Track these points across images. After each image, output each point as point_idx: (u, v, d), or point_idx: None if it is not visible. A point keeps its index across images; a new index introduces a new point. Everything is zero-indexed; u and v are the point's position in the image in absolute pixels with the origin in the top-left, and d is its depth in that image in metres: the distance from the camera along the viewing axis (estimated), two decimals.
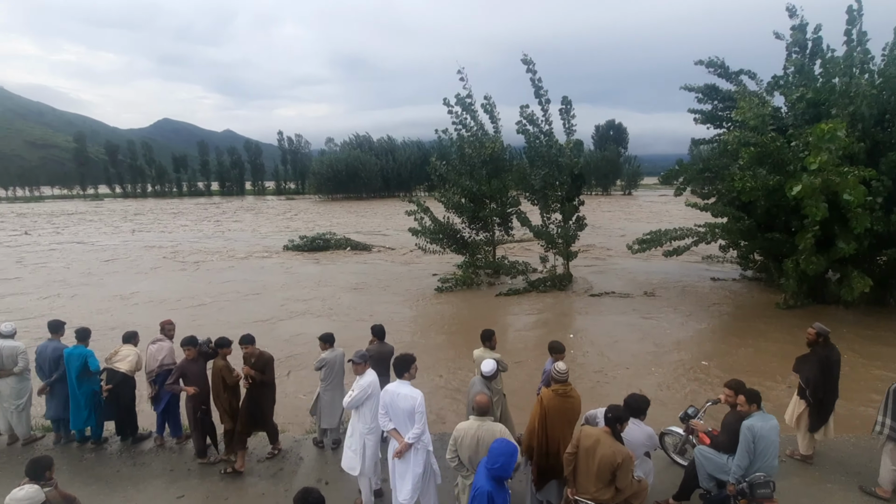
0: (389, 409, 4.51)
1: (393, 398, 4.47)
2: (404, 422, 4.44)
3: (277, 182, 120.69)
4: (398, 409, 4.44)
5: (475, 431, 4.00)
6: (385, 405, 4.53)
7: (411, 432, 4.38)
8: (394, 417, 4.50)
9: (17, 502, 3.20)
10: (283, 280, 18.22)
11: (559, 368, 4.64)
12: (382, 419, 4.56)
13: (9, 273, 20.44)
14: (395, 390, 4.49)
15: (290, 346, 10.82)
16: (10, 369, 6.24)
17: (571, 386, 4.66)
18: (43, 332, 7.20)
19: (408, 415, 4.40)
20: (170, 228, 39.27)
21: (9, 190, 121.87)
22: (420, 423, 4.38)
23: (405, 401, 4.41)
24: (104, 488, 5.51)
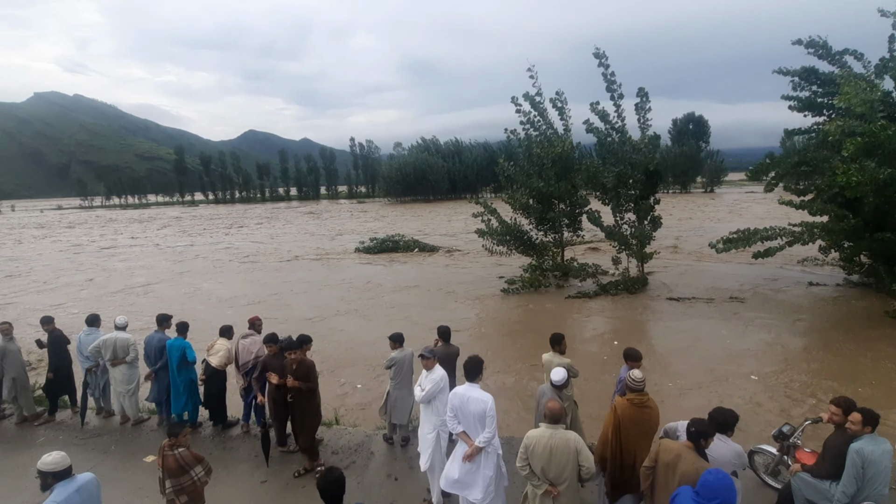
0: (459, 412, 4.48)
1: (463, 401, 4.44)
2: (474, 425, 4.41)
3: (349, 186, 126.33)
4: (468, 413, 4.41)
5: (548, 440, 3.88)
6: (454, 408, 4.50)
7: (482, 436, 4.33)
8: (463, 420, 4.48)
9: (46, 465, 3.57)
10: (354, 280, 18.95)
11: (635, 377, 4.41)
12: (451, 422, 4.54)
13: (118, 270, 23.09)
14: (465, 393, 4.46)
15: (359, 344, 11.23)
16: (122, 358, 7.04)
17: (648, 396, 4.41)
18: (149, 325, 8.03)
19: (478, 418, 4.36)
20: (254, 231, 42.37)
21: (122, 198, 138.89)
22: (491, 428, 4.32)
23: (476, 404, 4.36)
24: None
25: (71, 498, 3.53)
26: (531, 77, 15.67)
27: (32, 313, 14.47)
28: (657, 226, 15.32)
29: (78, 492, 3.60)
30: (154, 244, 35.10)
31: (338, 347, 11.14)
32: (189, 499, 4.32)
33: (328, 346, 11.22)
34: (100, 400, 7.51)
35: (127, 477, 5.93)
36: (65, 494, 3.51)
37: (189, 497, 4.32)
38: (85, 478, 3.77)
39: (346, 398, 8.48)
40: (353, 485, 5.56)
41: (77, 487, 3.62)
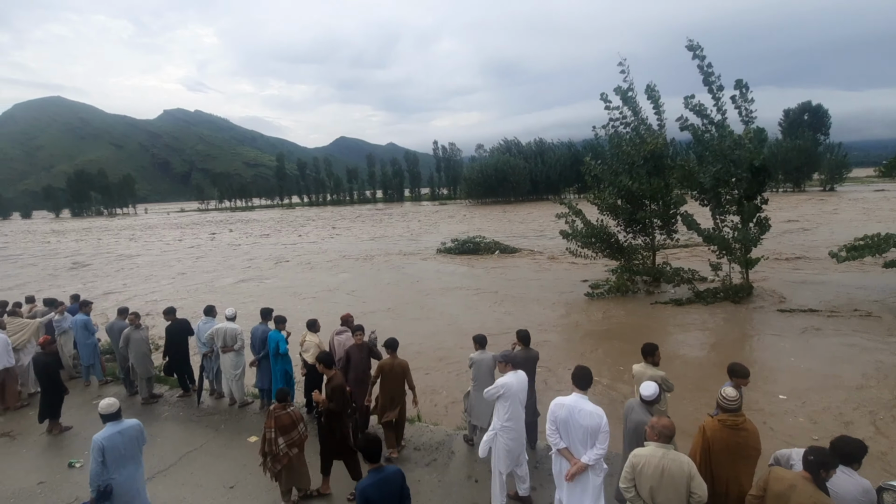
0: (565, 426, 4.21)
1: (571, 414, 4.16)
2: (583, 440, 4.14)
3: (432, 188, 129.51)
4: (577, 426, 4.14)
5: (659, 461, 3.57)
6: (557, 420, 4.24)
7: (593, 452, 4.08)
8: (570, 434, 4.19)
9: (100, 409, 4.77)
10: (436, 281, 19.33)
11: (727, 395, 3.96)
12: (552, 436, 4.28)
13: (230, 265, 25.65)
14: (574, 405, 4.20)
15: (443, 344, 11.42)
16: (231, 346, 7.81)
17: (745, 417, 3.97)
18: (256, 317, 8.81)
19: (590, 433, 4.10)
20: (344, 232, 44.91)
21: (232, 201, 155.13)
22: (605, 444, 4.08)
23: (589, 418, 4.11)
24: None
25: (112, 436, 4.59)
26: (622, 72, 14.89)
27: (164, 303, 16.55)
28: (765, 229, 13.83)
29: (120, 433, 4.65)
30: (258, 243, 38.56)
31: (422, 346, 11.43)
32: (298, 450, 5.26)
33: (412, 344, 11.56)
34: (213, 382, 8.40)
35: (233, 454, 6.55)
36: (109, 432, 4.63)
37: (298, 449, 5.26)
38: (129, 423, 4.83)
39: (429, 396, 8.66)
40: (434, 482, 5.67)
41: (120, 429, 4.69)
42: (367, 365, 6.74)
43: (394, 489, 3.75)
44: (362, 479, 3.77)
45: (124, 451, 4.65)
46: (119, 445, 4.61)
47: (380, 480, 3.69)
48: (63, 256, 35.89)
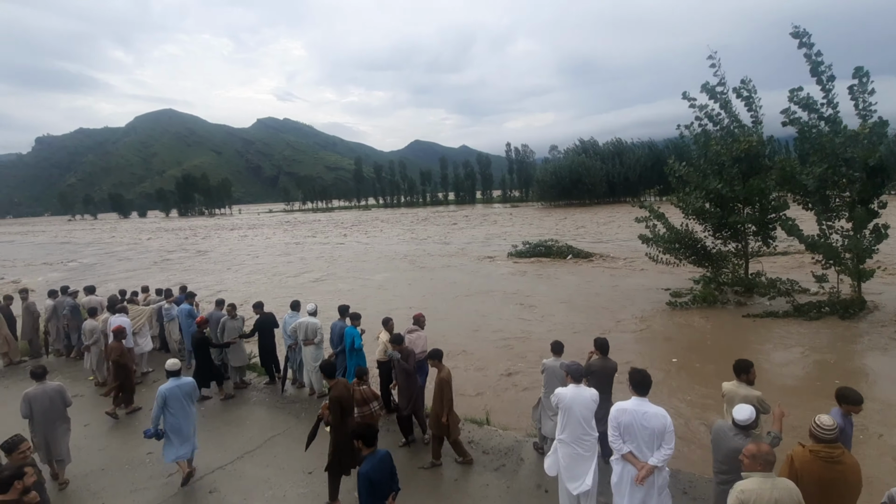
0: (630, 429, 4.16)
1: (636, 417, 4.14)
2: (648, 442, 4.10)
3: (504, 190, 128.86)
4: (642, 429, 4.11)
5: (770, 493, 3.24)
6: (620, 425, 4.20)
7: (661, 453, 4.06)
8: (636, 438, 4.15)
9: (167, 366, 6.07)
10: (507, 284, 19.19)
11: (822, 423, 3.56)
12: (615, 442, 4.24)
13: (312, 262, 27.24)
14: (637, 408, 4.17)
15: (514, 347, 11.31)
16: (311, 339, 8.31)
17: (843, 450, 3.54)
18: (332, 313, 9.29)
19: (656, 435, 4.08)
20: (415, 234, 45.99)
21: (313, 202, 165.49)
22: (672, 444, 4.06)
23: (654, 420, 4.09)
24: None
25: (172, 388, 5.99)
26: (713, 66, 13.84)
27: (253, 297, 17.97)
28: (881, 237, 12.16)
29: (178, 386, 6.05)
30: (339, 243, 40.62)
31: (492, 347, 11.41)
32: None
33: (482, 346, 11.58)
34: (296, 373, 8.99)
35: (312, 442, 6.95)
36: (171, 385, 6.02)
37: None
38: (186, 379, 6.22)
39: (499, 400, 8.62)
40: (503, 488, 5.63)
41: (179, 383, 6.07)
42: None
43: (387, 468, 4.16)
44: (363, 464, 4.05)
45: (181, 400, 6.02)
46: (177, 395, 5.99)
47: (377, 462, 4.05)
48: (167, 251, 40.21)
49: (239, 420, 7.83)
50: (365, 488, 3.94)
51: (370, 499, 3.96)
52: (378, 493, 3.98)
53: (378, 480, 3.97)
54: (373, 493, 3.95)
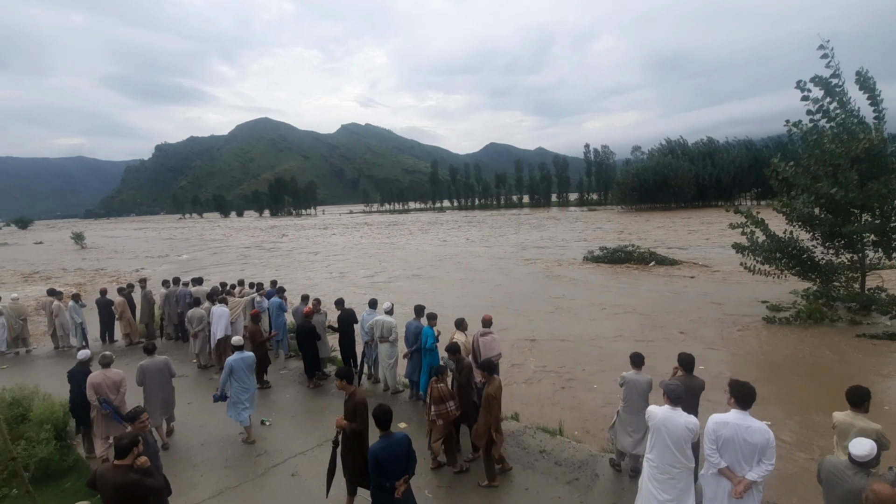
0: (730, 444, 4.01)
1: (738, 431, 3.98)
2: (748, 457, 3.97)
3: (581, 193, 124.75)
4: (743, 444, 3.97)
5: None
6: (719, 439, 4.05)
7: (761, 468, 3.91)
8: (735, 453, 4.01)
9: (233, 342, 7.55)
10: (582, 291, 18.53)
11: None
12: (712, 456, 4.08)
13: (392, 261, 28.20)
14: (739, 422, 4.00)
15: (588, 361, 10.89)
16: (387, 337, 8.59)
17: None
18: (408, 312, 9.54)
19: (758, 450, 3.93)
20: (491, 235, 45.92)
21: (391, 204, 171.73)
22: (772, 460, 3.91)
23: (757, 435, 3.93)
24: None
25: (238, 361, 7.19)
26: (824, 55, 12.35)
27: (335, 293, 18.98)
28: None
29: (242, 359, 7.27)
30: (416, 243, 41.71)
31: (566, 356, 11.09)
32: (443, 423, 5.95)
33: (554, 354, 11.29)
34: (371, 368, 9.34)
35: None
36: (237, 357, 7.24)
37: (444, 422, 5.94)
38: (248, 354, 7.47)
39: (573, 411, 8.35)
40: (576, 501, 5.43)
41: (242, 356, 7.31)
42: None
43: (401, 451, 4.33)
44: (374, 444, 4.30)
45: (244, 370, 7.24)
46: (241, 366, 7.21)
47: (389, 444, 4.28)
48: (258, 248, 43.62)
49: (320, 409, 8.29)
50: (373, 467, 4.23)
51: (379, 477, 4.23)
52: (387, 473, 4.22)
53: (386, 461, 4.22)
54: (380, 472, 4.22)
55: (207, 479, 6.27)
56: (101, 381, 6.47)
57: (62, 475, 6.50)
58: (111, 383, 6.53)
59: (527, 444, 6.70)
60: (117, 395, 6.53)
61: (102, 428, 6.57)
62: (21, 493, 5.74)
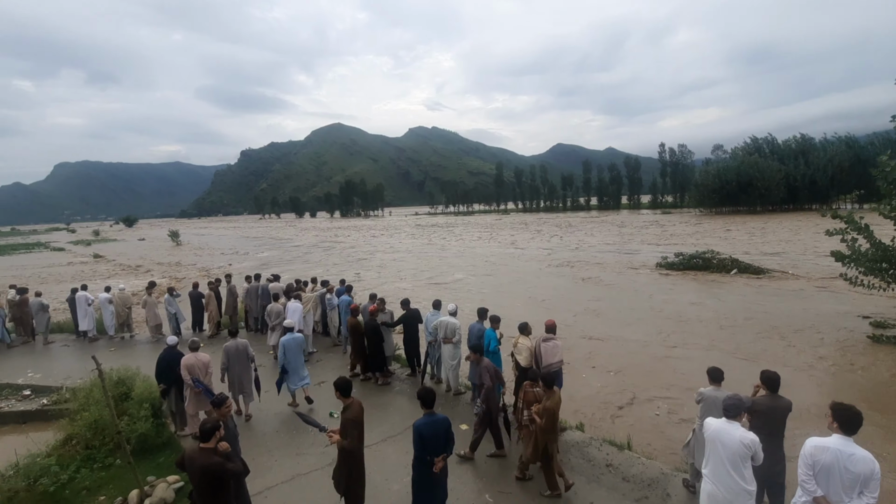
0: (829, 471, 3.70)
1: (839, 458, 3.67)
2: (848, 487, 3.65)
3: (654, 195, 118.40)
4: (844, 472, 3.66)
5: None
6: (816, 464, 3.74)
7: (863, 501, 3.58)
8: (834, 481, 3.69)
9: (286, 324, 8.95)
10: (655, 300, 17.58)
11: None
12: (808, 482, 3.76)
13: (453, 265, 28.42)
14: (841, 448, 3.70)
15: (663, 374, 10.32)
16: (450, 339, 8.65)
17: None
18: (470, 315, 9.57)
19: (860, 480, 3.62)
20: (557, 238, 44.87)
21: (455, 206, 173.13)
22: (876, 493, 3.55)
23: (861, 464, 3.62)
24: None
25: (289, 341, 8.38)
26: None
27: (400, 293, 19.46)
28: None
29: (293, 339, 8.47)
30: (480, 245, 41.75)
31: (640, 368, 10.59)
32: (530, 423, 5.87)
33: (627, 365, 10.82)
34: (434, 368, 9.47)
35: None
36: (288, 337, 8.42)
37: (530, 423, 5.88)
38: (298, 335, 8.72)
39: (644, 426, 7.95)
40: None
41: (293, 337, 8.50)
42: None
43: (441, 430, 4.81)
44: (417, 420, 4.81)
45: (294, 349, 8.39)
46: (292, 345, 8.40)
47: (431, 421, 4.78)
48: (328, 248, 45.61)
49: (384, 405, 8.54)
50: (417, 440, 4.75)
51: (422, 451, 4.75)
52: (429, 448, 4.73)
53: (429, 437, 4.73)
54: (423, 446, 4.73)
55: (281, 464, 6.67)
56: (193, 363, 7.42)
57: (157, 450, 7.21)
58: (201, 364, 7.48)
59: (592, 457, 6.47)
60: (206, 375, 7.49)
61: (194, 404, 7.49)
62: (123, 464, 6.44)
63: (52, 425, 8.13)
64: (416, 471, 4.89)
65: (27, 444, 7.31)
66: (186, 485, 6.11)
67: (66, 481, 6.35)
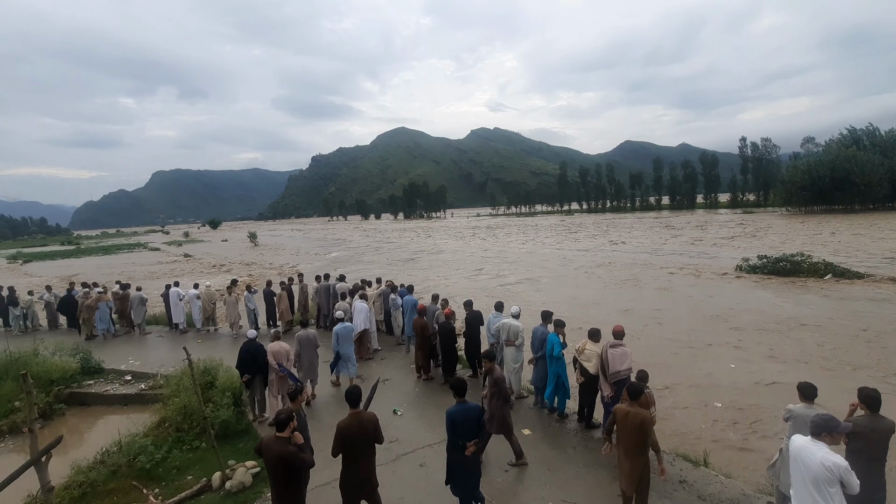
0: None
1: None
2: None
3: (734, 194, 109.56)
4: None
5: None
6: None
7: None
8: None
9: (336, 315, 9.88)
10: (738, 307, 16.33)
11: None
12: None
13: (516, 266, 28.11)
14: None
15: (748, 388, 9.57)
16: (513, 341, 8.54)
17: None
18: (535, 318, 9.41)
19: None
20: (626, 240, 43.02)
21: (517, 207, 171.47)
22: None
23: None
24: (561, 456, 6.65)
25: (341, 329, 9.24)
26: None
27: (463, 294, 19.56)
28: None
29: (344, 328, 9.28)
30: (544, 247, 41.02)
31: (719, 380, 9.90)
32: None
33: (705, 375, 10.15)
34: None
35: (507, 442, 7.15)
36: (340, 326, 9.27)
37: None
38: (348, 324, 9.54)
39: (723, 443, 7.42)
40: None
41: (344, 326, 9.34)
42: None
43: (473, 417, 5.08)
44: (450, 407, 5.18)
45: (348, 336, 9.33)
46: (344, 334, 9.25)
47: (463, 409, 5.10)
48: (395, 249, 46.71)
49: (446, 405, 8.57)
50: (449, 426, 5.08)
51: (453, 435, 5.08)
52: (460, 433, 5.04)
53: (460, 423, 5.03)
54: (455, 431, 5.06)
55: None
56: (278, 350, 8.35)
57: (237, 436, 7.75)
58: (284, 352, 8.39)
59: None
60: (288, 361, 8.40)
61: (277, 387, 8.35)
62: (208, 447, 6.98)
63: (148, 408, 9.02)
64: (449, 454, 5.19)
65: (128, 425, 8.15)
66: (263, 470, 6.52)
67: (160, 460, 7.00)
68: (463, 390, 5.21)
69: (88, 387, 10.68)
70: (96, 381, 10.99)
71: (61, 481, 6.48)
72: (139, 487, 6.42)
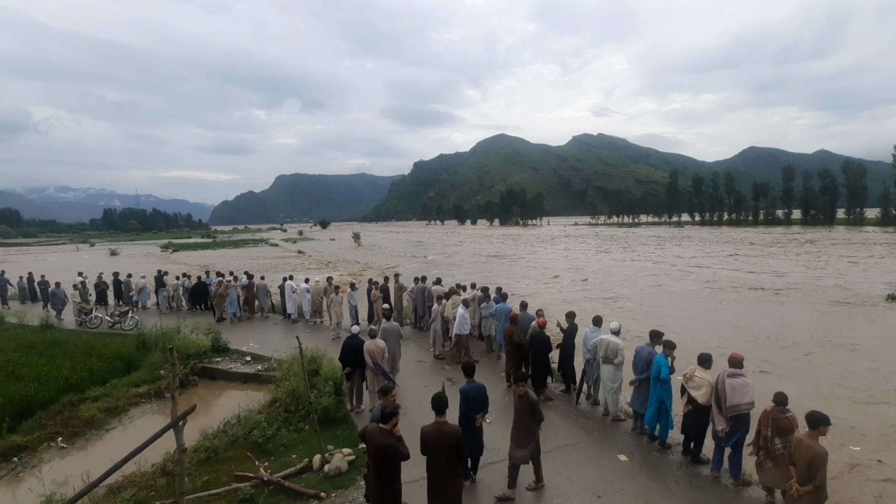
0: None
1: None
2: None
3: (885, 209, 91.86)
4: None
5: None
6: None
7: None
8: None
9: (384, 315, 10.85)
10: (879, 338, 13.83)
11: None
12: None
13: (619, 281, 26.63)
14: None
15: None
16: (611, 359, 8.04)
17: None
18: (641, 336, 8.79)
19: None
20: (750, 258, 38.66)
21: (619, 217, 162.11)
22: None
23: None
24: (661, 490, 6.10)
25: (387, 328, 9.64)
26: None
27: (558, 305, 18.99)
28: None
29: (391, 326, 9.74)
30: (654, 262, 38.43)
31: (874, 425, 8.48)
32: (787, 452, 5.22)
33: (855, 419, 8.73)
34: (591, 388, 8.94)
35: (603, 465, 6.74)
36: (386, 324, 9.82)
37: (773, 465, 5.54)
38: (394, 323, 10.06)
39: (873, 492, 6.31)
40: None
41: (391, 325, 9.82)
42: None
43: (480, 393, 6.17)
44: (462, 386, 6.26)
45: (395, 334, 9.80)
46: (392, 333, 9.68)
47: (473, 387, 6.18)
48: (492, 255, 46.72)
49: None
50: (462, 401, 6.14)
51: (465, 408, 6.11)
52: (472, 407, 6.10)
53: (472, 398, 6.11)
54: (467, 405, 6.10)
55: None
56: (373, 348, 8.58)
57: (335, 423, 8.27)
58: (379, 350, 8.61)
59: None
60: (383, 359, 8.61)
61: (372, 382, 8.66)
62: (311, 430, 7.53)
63: (263, 388, 10.00)
64: (461, 425, 5.63)
65: (245, 401, 9.10)
66: (358, 458, 6.88)
67: (270, 436, 7.72)
68: (472, 372, 6.35)
69: (217, 363, 12.16)
70: (223, 359, 12.47)
71: (191, 444, 7.42)
72: (252, 458, 7.13)
